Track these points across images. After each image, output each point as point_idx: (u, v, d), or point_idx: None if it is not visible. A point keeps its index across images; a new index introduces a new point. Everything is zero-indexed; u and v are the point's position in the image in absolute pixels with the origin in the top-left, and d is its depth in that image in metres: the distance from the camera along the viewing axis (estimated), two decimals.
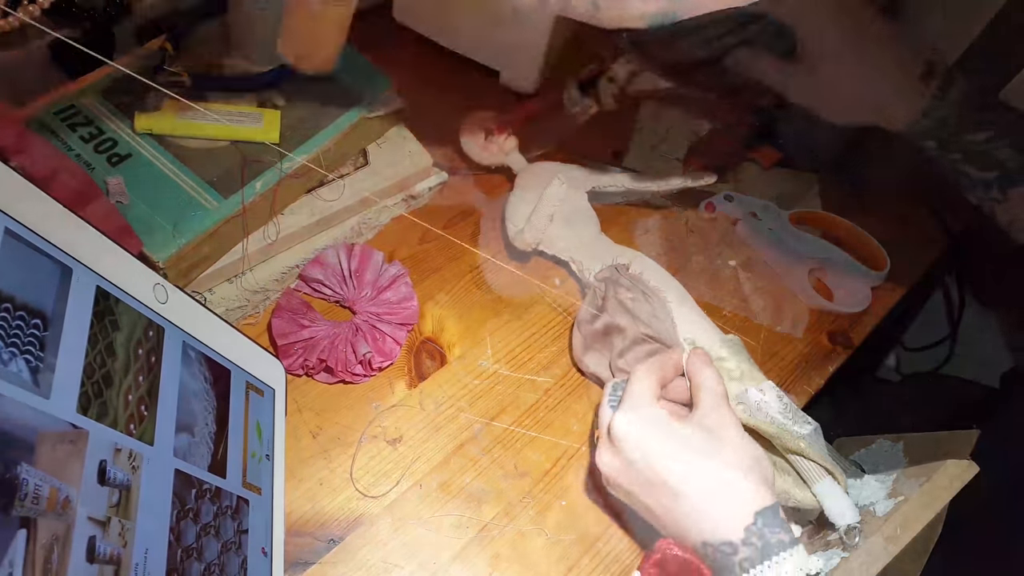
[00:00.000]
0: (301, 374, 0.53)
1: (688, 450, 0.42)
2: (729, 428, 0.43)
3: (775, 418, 0.48)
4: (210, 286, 0.54)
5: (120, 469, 0.34)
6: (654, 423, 0.43)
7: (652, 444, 0.42)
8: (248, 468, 0.44)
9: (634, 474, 0.43)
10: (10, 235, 0.32)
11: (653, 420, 0.43)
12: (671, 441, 0.42)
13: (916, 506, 0.43)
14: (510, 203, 0.61)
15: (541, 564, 0.49)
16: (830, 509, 0.45)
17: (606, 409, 0.47)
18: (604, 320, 0.53)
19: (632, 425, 0.43)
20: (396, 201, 0.62)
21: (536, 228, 0.55)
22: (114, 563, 0.32)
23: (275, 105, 0.56)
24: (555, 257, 0.60)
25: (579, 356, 0.56)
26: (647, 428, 0.43)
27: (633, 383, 0.46)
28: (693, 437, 0.42)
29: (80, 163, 0.50)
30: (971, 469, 0.43)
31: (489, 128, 0.64)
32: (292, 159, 0.54)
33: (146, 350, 0.39)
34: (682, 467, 0.42)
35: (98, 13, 0.56)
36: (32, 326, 0.32)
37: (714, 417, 0.44)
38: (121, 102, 0.53)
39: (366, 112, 0.58)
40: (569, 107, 0.74)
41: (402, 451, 0.52)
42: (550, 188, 0.52)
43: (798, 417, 0.48)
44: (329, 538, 0.48)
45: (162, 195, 0.50)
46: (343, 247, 0.57)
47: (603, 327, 0.53)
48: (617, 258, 0.57)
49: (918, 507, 0.43)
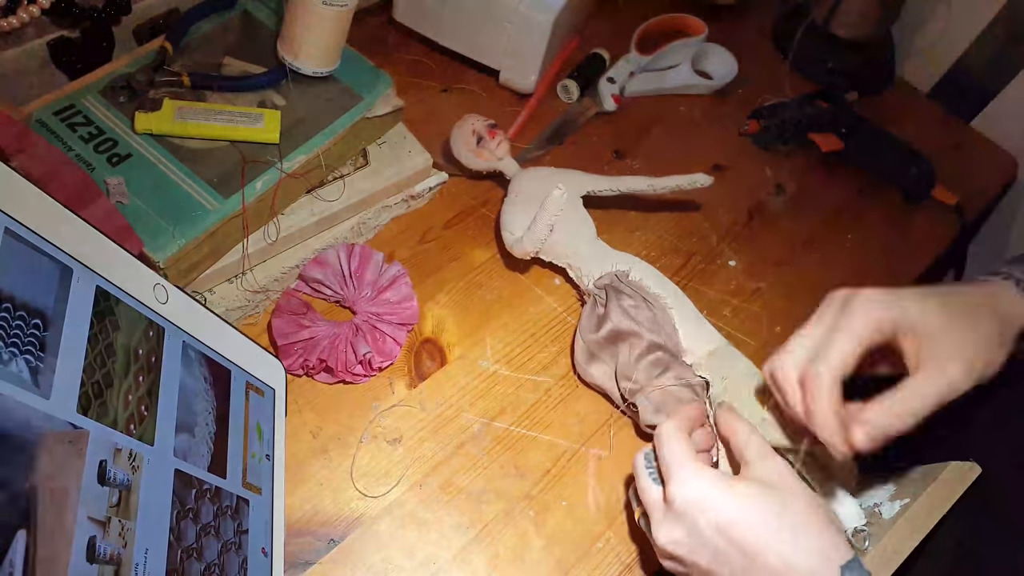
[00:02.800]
0: (301, 374, 0.53)
1: (756, 510, 0.40)
2: (787, 478, 0.41)
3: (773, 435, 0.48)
4: (210, 286, 0.54)
5: (120, 469, 0.34)
6: (714, 486, 0.41)
7: (715, 508, 0.40)
8: (248, 468, 0.44)
9: (704, 545, 0.40)
10: (10, 235, 0.32)
11: (712, 483, 0.41)
12: (736, 503, 0.40)
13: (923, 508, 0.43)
14: (505, 210, 0.61)
15: (541, 564, 0.49)
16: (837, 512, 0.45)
17: (647, 482, 0.44)
18: (608, 328, 0.53)
19: (694, 493, 0.41)
20: (396, 201, 0.62)
21: (535, 238, 0.55)
22: (114, 563, 0.32)
23: (275, 105, 0.56)
24: (553, 264, 0.60)
25: (582, 366, 0.55)
26: (710, 493, 0.40)
27: (671, 447, 0.43)
28: (760, 496, 0.40)
29: (80, 163, 0.50)
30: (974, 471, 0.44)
31: (481, 133, 0.64)
32: (292, 159, 0.54)
33: (146, 350, 0.39)
34: (761, 531, 0.39)
35: (98, 13, 0.56)
36: (32, 326, 0.32)
37: (769, 470, 0.41)
38: (121, 102, 0.53)
39: (366, 112, 0.58)
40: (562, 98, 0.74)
41: (402, 451, 0.52)
42: (551, 197, 0.52)
43: None
44: (329, 538, 0.48)
45: (162, 195, 0.50)
46: (343, 247, 0.57)
47: (607, 335, 0.53)
48: (616, 264, 0.56)
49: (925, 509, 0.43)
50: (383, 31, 0.74)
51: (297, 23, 0.55)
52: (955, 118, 0.84)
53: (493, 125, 0.64)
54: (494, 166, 0.64)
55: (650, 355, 0.52)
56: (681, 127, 0.76)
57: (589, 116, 0.74)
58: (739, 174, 0.73)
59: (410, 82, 0.70)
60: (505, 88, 0.73)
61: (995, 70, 0.81)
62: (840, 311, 0.43)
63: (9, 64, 0.54)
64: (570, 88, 0.74)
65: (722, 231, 0.69)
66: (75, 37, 0.56)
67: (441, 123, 0.65)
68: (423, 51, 0.73)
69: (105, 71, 0.55)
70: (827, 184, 0.75)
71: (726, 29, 0.81)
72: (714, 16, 0.79)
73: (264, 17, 0.61)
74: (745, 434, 0.44)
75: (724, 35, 0.80)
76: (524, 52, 0.68)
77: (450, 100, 0.71)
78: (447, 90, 0.72)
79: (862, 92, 0.83)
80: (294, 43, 0.56)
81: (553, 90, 0.74)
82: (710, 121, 0.77)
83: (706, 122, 0.77)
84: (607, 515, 0.52)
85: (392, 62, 0.69)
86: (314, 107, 0.57)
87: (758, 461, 0.42)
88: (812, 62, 0.83)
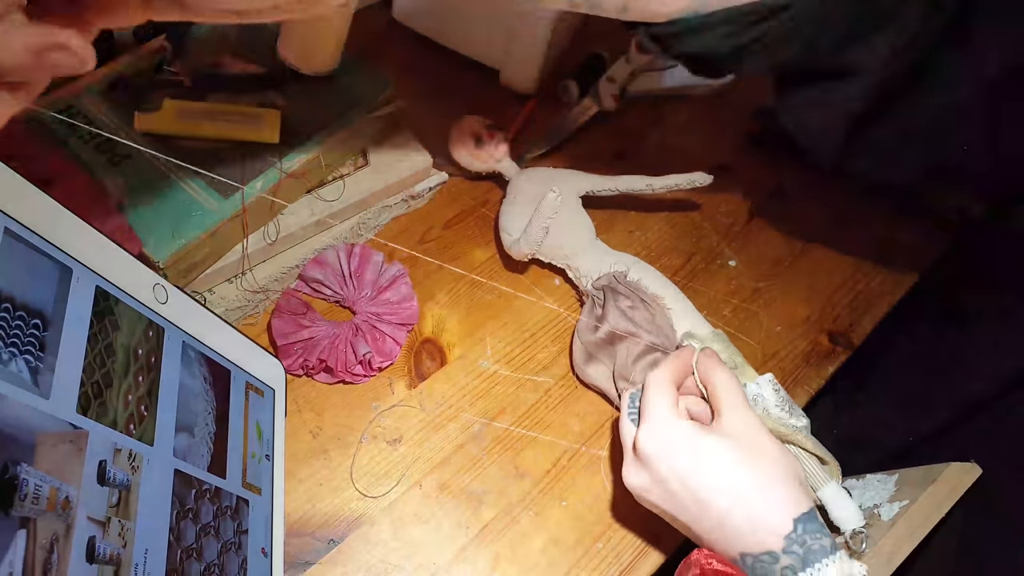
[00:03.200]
0: (301, 374, 0.53)
1: (718, 461, 0.41)
2: (756, 432, 0.42)
3: (771, 411, 0.48)
4: (210, 286, 0.54)
5: (120, 469, 0.34)
6: (680, 437, 0.42)
7: (681, 459, 0.41)
8: (248, 468, 0.44)
9: (665, 491, 0.42)
10: (10, 235, 0.32)
11: (679, 434, 0.42)
12: (700, 454, 0.41)
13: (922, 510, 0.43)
14: (504, 212, 0.61)
15: (541, 564, 0.49)
16: (836, 513, 0.45)
17: (627, 423, 0.46)
18: (606, 329, 0.53)
19: (658, 441, 0.42)
20: (396, 201, 0.62)
21: (532, 239, 0.55)
22: (114, 563, 0.32)
23: (275, 105, 0.56)
24: (551, 264, 0.60)
25: (580, 367, 0.55)
26: (674, 443, 0.42)
27: (650, 394, 0.45)
28: (721, 447, 0.42)
29: (80, 163, 0.50)
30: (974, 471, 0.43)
31: (479, 134, 0.63)
32: (292, 159, 0.54)
33: (146, 350, 0.39)
34: (714, 480, 0.41)
35: None
36: (32, 326, 0.32)
37: (738, 422, 0.43)
38: (121, 102, 0.53)
39: (366, 112, 0.58)
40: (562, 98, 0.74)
41: (402, 451, 0.52)
42: (545, 199, 0.52)
43: (794, 410, 0.49)
44: (329, 538, 0.48)
45: (162, 195, 0.50)
46: (343, 247, 0.57)
47: (605, 336, 0.53)
48: (614, 265, 0.56)
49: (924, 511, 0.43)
50: (383, 31, 0.74)
51: (297, 23, 0.55)
52: None
53: (492, 126, 0.64)
54: (493, 167, 0.64)
55: (648, 356, 0.52)
56: (681, 127, 0.76)
57: (589, 116, 0.73)
58: (739, 174, 0.73)
59: (410, 82, 0.70)
60: (505, 88, 0.73)
61: None
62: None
63: None
64: (570, 88, 0.74)
65: (722, 231, 0.69)
66: None
67: (441, 123, 0.65)
68: (423, 51, 0.73)
69: (105, 71, 0.55)
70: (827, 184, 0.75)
71: None
72: None
73: None
74: (723, 382, 0.45)
75: None
76: (524, 52, 0.68)
77: (450, 100, 0.71)
78: (447, 90, 0.72)
79: None
80: (294, 43, 0.56)
81: (553, 90, 0.74)
82: (710, 121, 0.77)
83: (706, 122, 0.77)
84: (607, 515, 0.52)
85: (392, 62, 0.69)
86: (314, 107, 0.57)
87: (728, 412, 0.43)
88: None
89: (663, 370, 0.46)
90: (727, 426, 0.43)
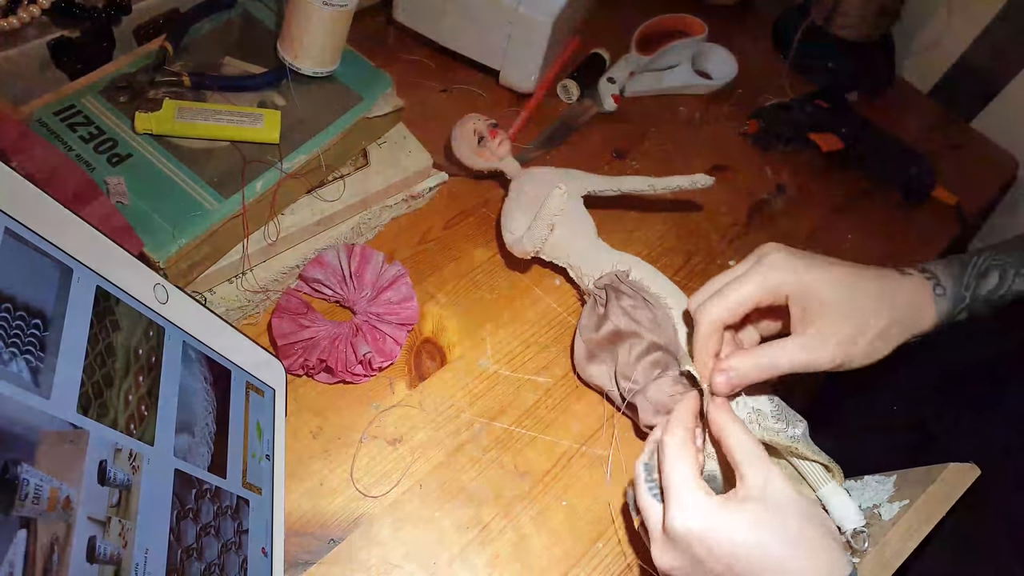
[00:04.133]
0: (301, 374, 0.53)
1: (752, 531, 0.39)
2: (781, 492, 0.41)
3: (768, 424, 0.48)
4: (210, 286, 0.54)
5: (120, 469, 0.34)
6: (711, 514, 0.40)
7: (715, 538, 0.40)
8: (248, 468, 0.44)
9: (702, 571, 0.40)
10: (10, 235, 0.32)
11: (708, 511, 0.40)
12: (733, 527, 0.40)
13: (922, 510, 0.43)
14: (506, 210, 0.61)
15: (541, 564, 0.49)
16: (836, 513, 0.45)
17: (648, 500, 0.44)
18: (608, 328, 0.53)
19: (690, 522, 0.40)
20: (396, 201, 0.62)
21: (536, 238, 0.55)
22: (114, 563, 0.32)
23: (275, 105, 0.56)
24: (553, 264, 0.60)
25: (581, 366, 0.55)
26: (706, 522, 0.40)
27: (670, 467, 0.43)
28: (752, 515, 0.40)
29: (80, 163, 0.50)
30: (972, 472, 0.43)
31: (482, 132, 0.63)
32: (292, 159, 0.54)
33: (146, 350, 0.39)
34: (754, 555, 0.39)
35: (98, 13, 0.56)
36: (32, 326, 0.32)
37: (763, 484, 0.41)
38: (121, 102, 0.53)
39: (366, 112, 0.58)
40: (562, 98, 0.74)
41: (402, 451, 0.52)
42: (550, 197, 0.52)
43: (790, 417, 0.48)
44: (329, 538, 0.48)
45: (162, 195, 0.50)
46: (343, 247, 0.57)
47: (607, 335, 0.53)
48: (616, 264, 0.56)
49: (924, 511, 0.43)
50: (383, 31, 0.74)
51: (297, 23, 0.55)
52: (955, 118, 0.85)
53: (494, 125, 0.64)
54: (495, 166, 0.64)
55: (650, 355, 0.52)
56: (681, 127, 0.76)
57: (589, 116, 0.74)
58: (739, 174, 0.73)
59: (410, 82, 0.70)
60: (505, 88, 0.73)
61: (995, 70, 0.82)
62: (755, 262, 0.47)
63: (9, 64, 0.54)
64: (570, 88, 0.74)
65: (722, 231, 0.69)
66: (75, 37, 0.56)
67: (441, 123, 0.65)
68: (423, 51, 0.73)
69: (105, 71, 0.55)
70: (827, 184, 0.75)
71: (726, 29, 0.81)
72: (714, 16, 0.79)
73: (264, 17, 0.61)
74: (736, 438, 0.43)
75: (724, 35, 0.80)
76: (524, 52, 0.68)
77: (450, 100, 0.71)
78: (447, 90, 0.72)
79: (862, 92, 0.83)
80: (294, 43, 0.56)
81: (553, 90, 0.74)
82: (710, 121, 0.77)
83: (706, 122, 0.77)
84: (607, 515, 0.52)
85: (392, 62, 0.69)
86: (314, 107, 0.57)
87: (751, 475, 0.42)
88: (812, 62, 0.83)
89: (676, 430, 0.44)
90: (753, 490, 0.41)
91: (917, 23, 0.85)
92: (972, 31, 0.81)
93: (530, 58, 0.69)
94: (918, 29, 0.85)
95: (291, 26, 0.55)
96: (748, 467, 0.42)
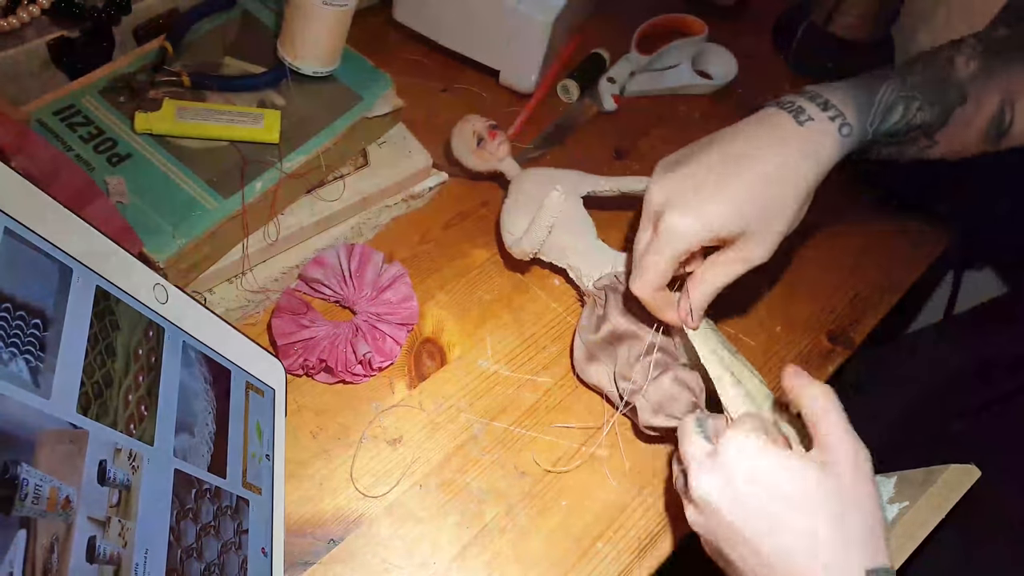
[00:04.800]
0: (301, 374, 0.53)
1: (798, 482, 0.38)
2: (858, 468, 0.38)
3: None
4: (210, 286, 0.54)
5: (120, 469, 0.34)
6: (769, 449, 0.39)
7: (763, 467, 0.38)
8: (248, 468, 0.44)
9: (734, 497, 0.39)
10: (10, 235, 0.32)
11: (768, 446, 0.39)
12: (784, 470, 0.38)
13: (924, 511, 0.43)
14: (505, 211, 0.60)
15: (541, 564, 0.49)
16: None
17: (699, 439, 0.43)
18: (608, 329, 0.53)
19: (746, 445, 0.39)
20: (396, 201, 0.62)
21: (535, 239, 0.55)
22: (114, 563, 0.32)
23: (275, 105, 0.56)
24: (552, 264, 0.60)
25: (581, 367, 0.55)
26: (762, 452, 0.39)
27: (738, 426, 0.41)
28: (809, 471, 0.38)
29: (80, 163, 0.50)
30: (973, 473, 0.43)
31: (481, 133, 0.63)
32: (292, 159, 0.54)
33: (146, 350, 0.39)
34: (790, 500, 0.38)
35: (98, 13, 0.56)
36: (32, 326, 0.32)
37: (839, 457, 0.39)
38: (121, 102, 0.53)
39: (366, 112, 0.58)
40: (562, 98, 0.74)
41: (402, 451, 0.52)
42: (549, 198, 0.52)
43: None
44: (329, 538, 0.48)
45: (162, 195, 0.50)
46: (343, 247, 0.57)
47: (607, 336, 0.53)
48: (616, 265, 0.56)
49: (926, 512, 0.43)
50: (383, 31, 0.74)
51: (297, 23, 0.55)
52: None
53: (494, 126, 0.64)
54: (495, 167, 0.64)
55: (649, 356, 0.52)
56: (681, 127, 0.76)
57: (589, 116, 0.74)
58: None
59: (410, 82, 0.70)
60: (505, 88, 0.73)
61: None
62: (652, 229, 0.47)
63: (9, 64, 0.54)
64: (570, 88, 0.74)
65: None
66: (75, 37, 0.56)
67: (441, 123, 0.65)
68: (423, 51, 0.73)
69: (105, 71, 0.55)
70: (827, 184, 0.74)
71: (726, 29, 0.81)
72: (714, 16, 0.79)
73: (264, 17, 0.61)
74: (822, 403, 0.40)
75: (724, 35, 0.80)
76: (524, 52, 0.68)
77: (450, 100, 0.71)
78: (447, 90, 0.72)
79: None
80: (294, 43, 0.56)
81: (553, 90, 0.74)
82: (710, 121, 0.77)
83: (706, 122, 0.77)
84: (607, 515, 0.52)
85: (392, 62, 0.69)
86: (314, 107, 0.57)
87: (829, 444, 0.39)
88: (812, 62, 0.82)
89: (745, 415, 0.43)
90: (827, 456, 0.39)
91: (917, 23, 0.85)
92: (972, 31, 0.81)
93: (530, 58, 0.69)
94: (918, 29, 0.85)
95: (291, 26, 0.55)
96: (828, 440, 0.39)
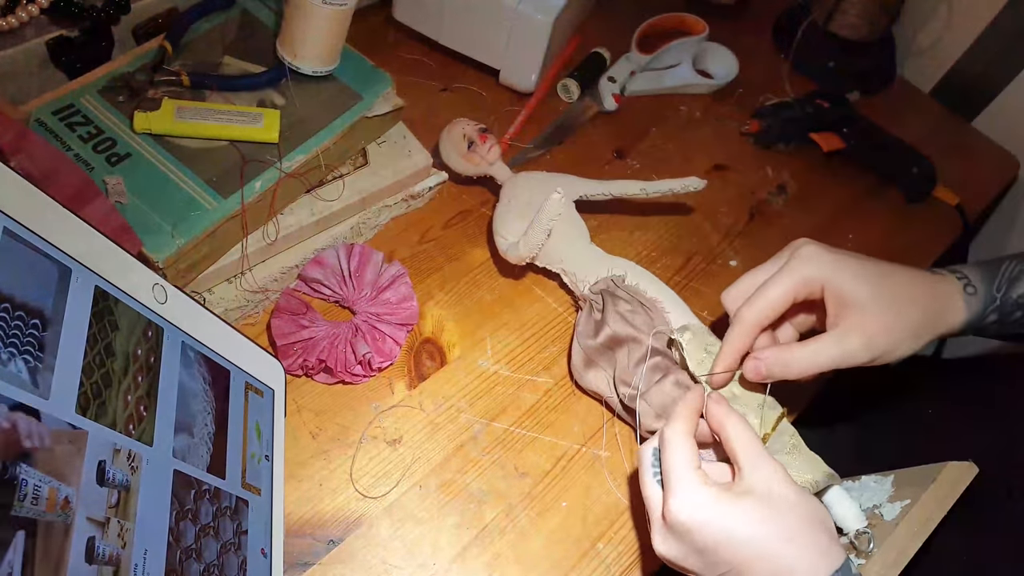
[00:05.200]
0: (301, 374, 0.53)
1: (749, 526, 0.40)
2: (778, 485, 0.41)
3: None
4: (209, 286, 0.54)
5: (119, 469, 0.34)
6: (709, 504, 0.41)
7: (712, 529, 0.40)
8: (247, 469, 0.44)
9: (699, 560, 0.41)
10: (9, 235, 0.32)
11: (709, 502, 0.41)
12: (729, 520, 0.40)
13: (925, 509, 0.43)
14: (498, 216, 0.60)
15: (541, 564, 0.49)
16: (838, 515, 0.45)
17: (652, 485, 0.44)
18: (606, 334, 0.52)
19: (689, 512, 0.41)
20: (396, 201, 0.62)
21: (533, 243, 0.54)
22: (113, 564, 0.32)
23: (274, 104, 0.56)
24: (546, 269, 0.59)
25: (579, 372, 0.55)
26: (704, 512, 0.41)
27: (670, 455, 0.43)
28: (749, 509, 0.40)
29: (79, 163, 0.50)
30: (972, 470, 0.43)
31: (472, 138, 0.62)
32: (291, 159, 0.54)
33: (145, 350, 0.39)
34: (748, 547, 0.40)
35: (97, 13, 0.56)
36: (31, 326, 0.32)
37: (761, 477, 0.41)
38: (120, 102, 0.53)
39: (366, 111, 0.58)
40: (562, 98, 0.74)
41: (402, 451, 0.52)
42: (549, 201, 0.51)
43: None
44: (329, 539, 0.48)
45: (161, 195, 0.50)
46: (343, 247, 0.56)
47: (605, 341, 0.53)
48: (611, 269, 0.56)
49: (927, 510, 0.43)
50: (383, 31, 0.74)
51: (296, 22, 0.55)
52: (956, 118, 0.84)
53: (484, 129, 0.63)
54: (485, 171, 0.63)
55: (649, 360, 0.51)
56: (681, 127, 0.76)
57: (589, 116, 0.73)
58: (740, 174, 0.73)
59: (410, 82, 0.70)
60: (505, 87, 0.73)
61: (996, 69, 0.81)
62: (789, 258, 0.47)
63: (8, 63, 0.54)
64: (570, 88, 0.74)
65: (723, 231, 0.68)
66: (74, 37, 0.56)
67: (441, 123, 0.65)
68: (423, 51, 0.73)
69: (104, 71, 0.55)
70: (828, 184, 0.75)
71: (726, 29, 0.81)
72: (714, 16, 0.79)
73: (263, 17, 0.61)
74: (737, 434, 0.44)
75: (724, 35, 0.80)
76: (524, 52, 0.68)
77: (450, 100, 0.71)
78: (447, 90, 0.72)
79: (863, 92, 0.83)
80: (294, 43, 0.56)
81: (553, 90, 0.74)
82: (710, 121, 0.77)
83: (706, 122, 0.77)
84: (607, 516, 0.52)
85: (392, 62, 0.69)
86: (314, 107, 0.57)
87: (749, 469, 0.42)
88: (812, 62, 0.82)
89: (678, 423, 0.44)
90: (751, 483, 0.41)
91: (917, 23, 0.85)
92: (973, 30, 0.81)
93: (530, 57, 0.69)
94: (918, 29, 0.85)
95: (291, 25, 0.55)
96: (746, 460, 0.42)
